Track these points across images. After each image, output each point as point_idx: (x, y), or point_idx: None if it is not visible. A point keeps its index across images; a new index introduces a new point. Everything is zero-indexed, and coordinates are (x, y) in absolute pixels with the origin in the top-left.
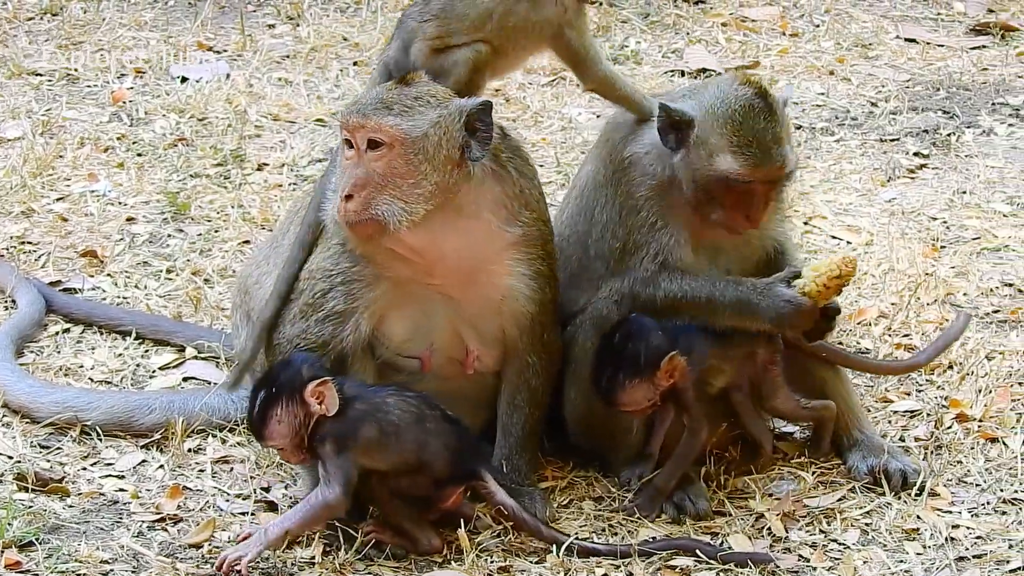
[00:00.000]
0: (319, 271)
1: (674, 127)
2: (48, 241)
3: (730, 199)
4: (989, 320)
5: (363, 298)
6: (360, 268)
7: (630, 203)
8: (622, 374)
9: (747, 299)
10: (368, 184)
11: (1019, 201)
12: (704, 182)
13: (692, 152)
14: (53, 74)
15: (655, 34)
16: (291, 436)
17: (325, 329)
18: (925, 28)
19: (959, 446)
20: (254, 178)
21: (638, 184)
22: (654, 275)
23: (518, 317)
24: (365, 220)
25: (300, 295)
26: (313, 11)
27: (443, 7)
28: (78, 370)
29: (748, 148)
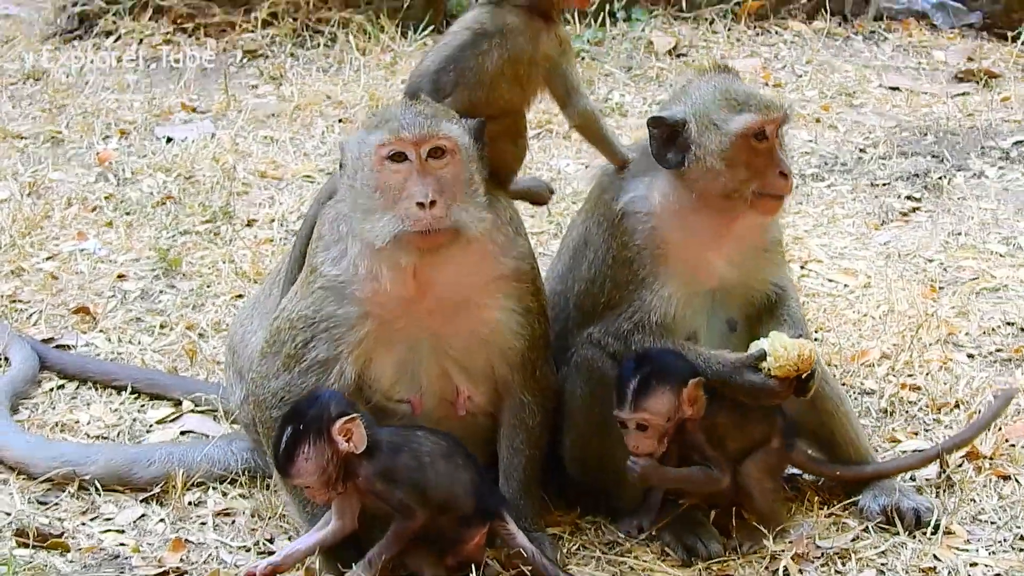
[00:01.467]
0: (299, 319)
1: (670, 139)
2: (39, 299)
3: (758, 162)
4: (993, 359)
5: (347, 342)
6: (345, 310)
7: (624, 254)
8: (654, 378)
9: (718, 374)
10: (444, 191)
11: (1015, 241)
12: (729, 160)
13: (700, 145)
14: (38, 136)
15: (639, 87)
16: (319, 474)
17: (308, 380)
18: (907, 77)
19: (971, 484)
20: (244, 233)
21: (632, 233)
22: (629, 332)
23: (507, 353)
24: (447, 227)
25: (281, 347)
26: (295, 71)
27: (455, 81)
28: (74, 426)
29: (749, 101)
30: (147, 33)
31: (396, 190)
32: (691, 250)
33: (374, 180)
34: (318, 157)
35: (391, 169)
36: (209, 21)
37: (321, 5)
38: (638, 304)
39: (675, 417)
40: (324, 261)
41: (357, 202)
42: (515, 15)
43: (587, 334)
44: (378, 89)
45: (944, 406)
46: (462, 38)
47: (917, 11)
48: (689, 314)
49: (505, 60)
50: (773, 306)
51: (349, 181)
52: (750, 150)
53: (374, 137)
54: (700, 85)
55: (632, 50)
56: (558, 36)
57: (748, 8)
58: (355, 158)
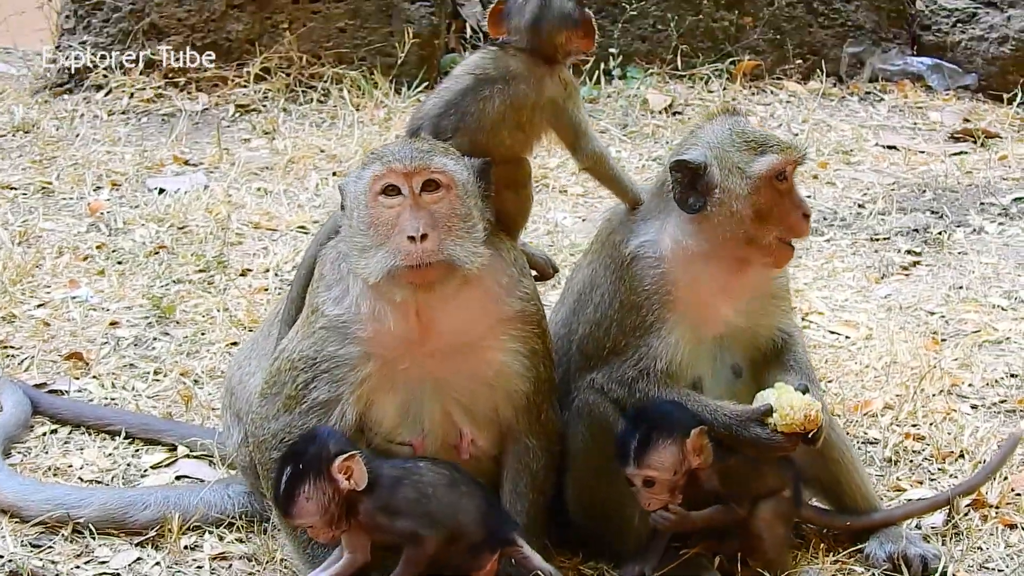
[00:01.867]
0: (300, 360)
1: (692, 184)
2: (31, 345)
3: (781, 205)
4: (997, 410)
5: (348, 383)
6: (347, 351)
7: (632, 299)
8: (655, 433)
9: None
10: (437, 225)
11: (1016, 295)
12: (753, 201)
13: (722, 189)
14: (28, 187)
15: (634, 143)
16: (321, 513)
17: (309, 422)
18: (904, 136)
19: (978, 532)
20: (238, 283)
21: (642, 277)
22: (633, 380)
23: (512, 396)
24: (438, 262)
25: (282, 387)
26: (288, 125)
27: (456, 125)
28: (67, 470)
29: (769, 143)
30: (138, 87)
31: (389, 225)
32: (701, 296)
33: (368, 216)
34: (312, 209)
35: (384, 204)
36: (201, 76)
37: (314, 61)
38: (644, 351)
39: (682, 469)
40: (325, 301)
41: (354, 240)
42: (518, 60)
43: (590, 379)
44: (372, 143)
45: (949, 455)
46: (464, 83)
47: (912, 73)
48: (695, 361)
49: (507, 106)
50: (779, 352)
51: (347, 220)
52: (773, 192)
53: (368, 171)
54: (715, 128)
55: (628, 107)
56: (562, 80)
57: (743, 68)
58: (352, 196)
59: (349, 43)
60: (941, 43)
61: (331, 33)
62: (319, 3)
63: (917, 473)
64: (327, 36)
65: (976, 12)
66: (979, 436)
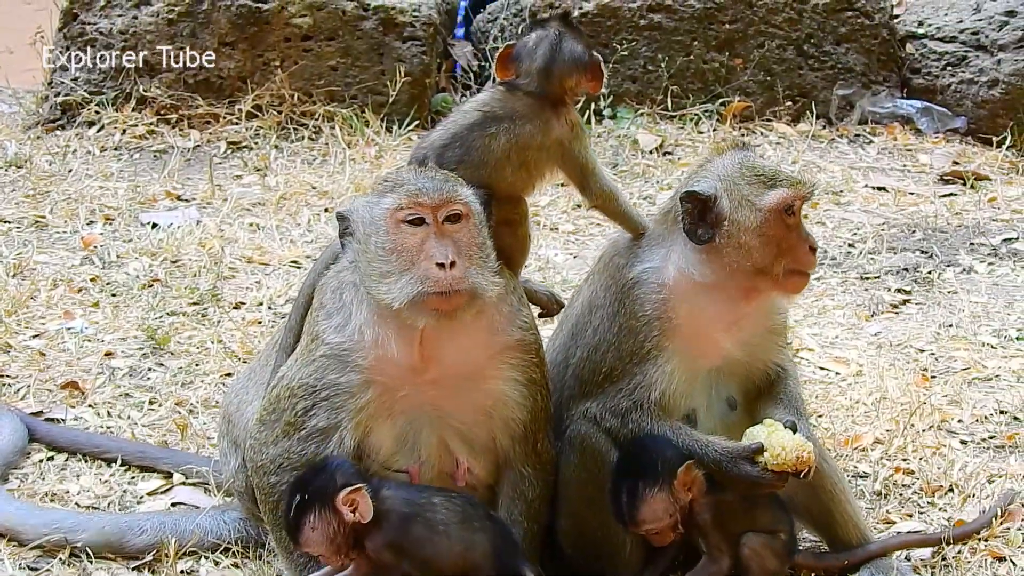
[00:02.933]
0: (300, 387)
1: (701, 215)
2: (27, 374)
3: (789, 238)
4: (986, 445)
5: (347, 410)
6: (347, 378)
7: (631, 323)
8: (641, 485)
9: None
10: (462, 254)
11: (1006, 334)
12: (761, 234)
13: (731, 221)
14: (21, 221)
15: (625, 182)
16: (326, 543)
17: (308, 448)
18: (893, 178)
19: (967, 565)
20: (232, 315)
21: (643, 302)
22: (627, 411)
23: (509, 425)
24: (464, 289)
25: (281, 414)
26: (280, 162)
27: (460, 158)
28: (64, 496)
29: (778, 177)
30: (130, 123)
31: (413, 252)
32: (701, 327)
33: (390, 243)
34: (304, 244)
35: (408, 232)
36: (193, 112)
37: (306, 99)
38: (639, 379)
39: (676, 508)
40: (326, 329)
41: (371, 266)
42: (524, 103)
43: (584, 409)
44: (364, 181)
45: (938, 490)
46: (471, 118)
47: (902, 115)
48: (690, 392)
49: (512, 145)
50: (772, 384)
51: (360, 246)
52: (782, 225)
53: (389, 200)
54: (725, 162)
55: (618, 147)
56: (569, 121)
57: (733, 109)
58: (367, 222)
59: (340, 81)
60: (931, 86)
61: (323, 71)
62: (311, 41)
63: (907, 507)
64: (319, 74)
65: (966, 55)
66: (968, 471)
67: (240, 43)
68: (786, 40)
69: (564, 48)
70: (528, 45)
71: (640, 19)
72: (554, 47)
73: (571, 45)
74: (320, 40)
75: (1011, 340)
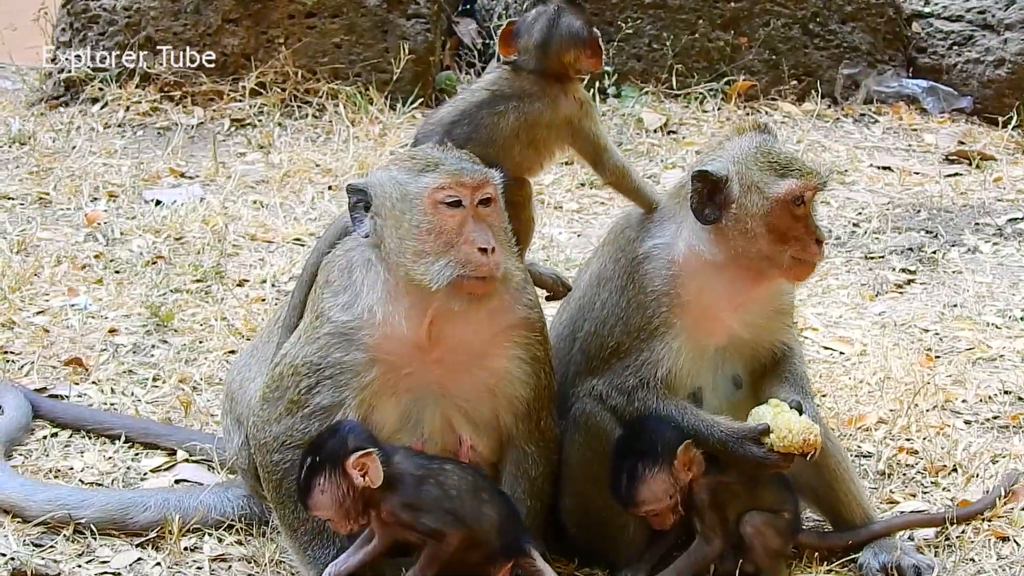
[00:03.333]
0: (304, 365)
1: (710, 195)
2: (31, 351)
3: (795, 228)
4: (990, 425)
5: (352, 388)
6: (352, 356)
7: (640, 298)
8: (640, 465)
9: (719, 441)
10: (496, 239)
11: (1011, 314)
12: (767, 222)
13: (739, 205)
14: (25, 198)
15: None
16: (336, 507)
17: (311, 425)
18: (898, 157)
19: (970, 544)
20: (236, 292)
21: (652, 277)
22: (633, 389)
23: (513, 403)
24: (499, 275)
25: (284, 392)
26: (284, 140)
27: (468, 136)
28: (68, 472)
29: (791, 167)
30: (134, 100)
31: (452, 234)
32: (708, 305)
33: (427, 223)
34: (308, 222)
35: (447, 214)
36: (197, 90)
37: (310, 76)
38: (646, 356)
39: (676, 489)
40: (332, 307)
41: (404, 243)
42: (531, 81)
43: (590, 386)
44: (367, 158)
45: (942, 469)
46: (480, 96)
47: (907, 95)
48: (696, 370)
49: (522, 123)
50: (777, 363)
51: (389, 222)
52: (789, 215)
53: (428, 179)
54: (742, 144)
55: (623, 125)
56: (577, 98)
57: (738, 88)
58: (398, 199)
59: (344, 59)
60: (937, 65)
61: (327, 49)
62: (315, 19)
63: (910, 486)
64: (323, 51)
65: (972, 35)
66: (972, 451)
67: (244, 20)
68: (791, 19)
69: (562, 23)
70: (527, 21)
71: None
72: (552, 22)
73: (569, 20)
74: (324, 17)
75: (1016, 320)
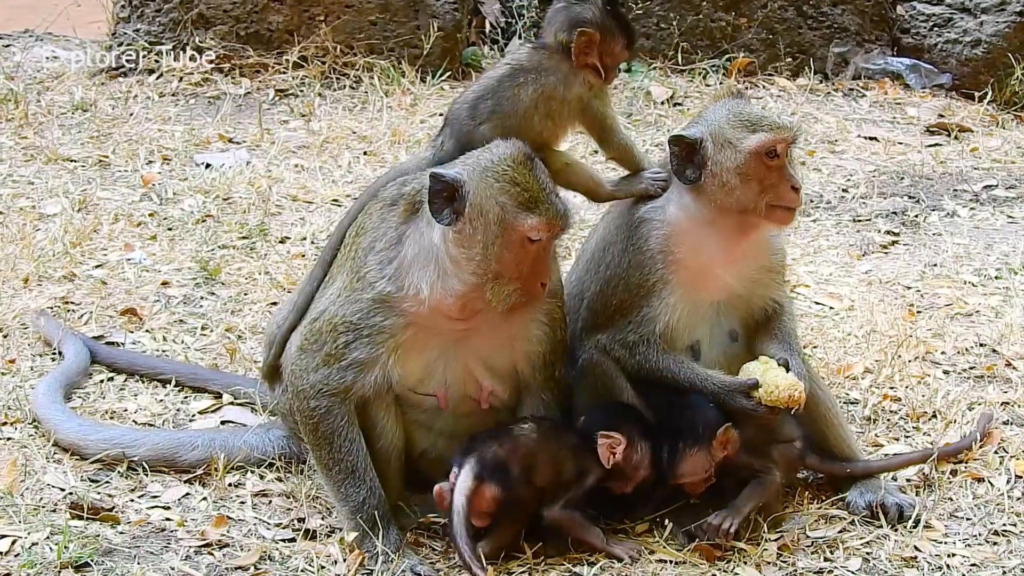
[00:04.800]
0: (343, 324)
1: (689, 156)
2: (90, 301)
3: (770, 177)
4: (967, 375)
5: (386, 346)
6: (391, 322)
7: (638, 258)
8: (681, 443)
9: (712, 393)
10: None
11: (986, 273)
12: (743, 176)
13: (716, 163)
14: (86, 160)
15: (638, 131)
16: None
17: (347, 376)
18: (884, 129)
19: (948, 485)
20: (278, 248)
21: (648, 238)
22: (634, 344)
23: (530, 356)
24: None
25: (322, 345)
26: (323, 109)
27: (492, 109)
28: (123, 414)
29: (762, 122)
30: (187, 72)
31: (525, 267)
32: (700, 261)
33: (511, 254)
34: (345, 184)
35: (531, 247)
36: (244, 62)
37: (347, 51)
38: (646, 311)
39: (712, 464)
40: (378, 276)
41: (488, 263)
42: (547, 57)
43: (596, 340)
44: (400, 126)
45: (922, 416)
46: (501, 71)
47: (892, 72)
48: (693, 324)
49: (539, 95)
50: (768, 320)
51: (481, 237)
52: (763, 167)
53: (531, 220)
54: (716, 108)
55: (632, 99)
56: (589, 80)
57: (738, 64)
58: (495, 222)
59: (379, 35)
60: (919, 45)
61: (363, 25)
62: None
63: (893, 431)
64: (359, 28)
65: (952, 17)
66: (950, 399)
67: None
68: (787, 1)
69: (573, 10)
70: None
71: None
72: (567, 5)
73: (579, 9)
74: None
75: (990, 279)
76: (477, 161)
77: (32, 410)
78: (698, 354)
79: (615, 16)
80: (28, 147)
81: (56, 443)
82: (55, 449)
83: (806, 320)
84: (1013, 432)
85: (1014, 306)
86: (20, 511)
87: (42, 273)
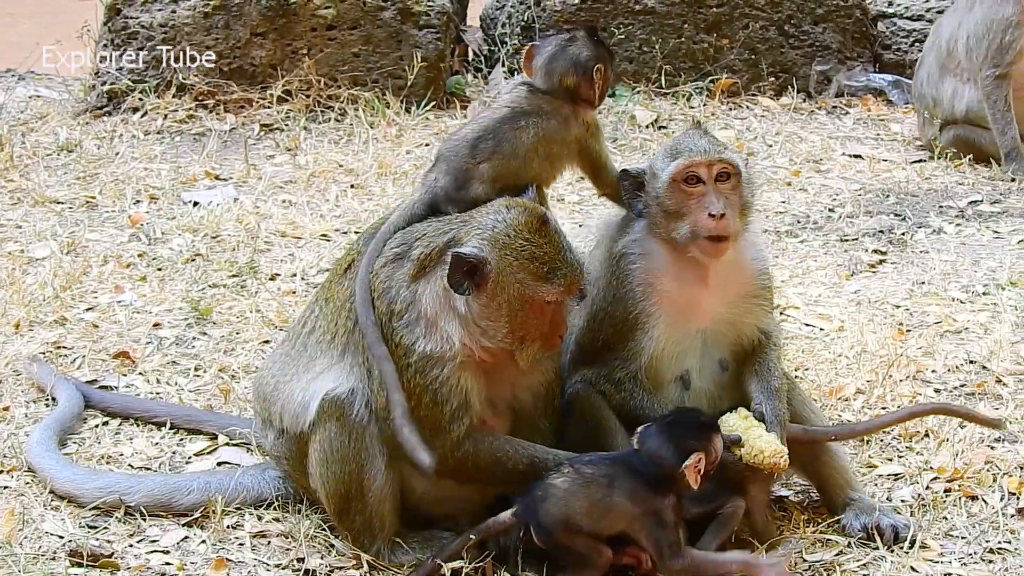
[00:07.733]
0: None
1: (637, 189)
2: (82, 345)
3: (690, 204)
4: (958, 393)
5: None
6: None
7: (621, 291)
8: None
9: None
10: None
11: (973, 289)
12: (663, 204)
13: (648, 193)
14: (73, 201)
15: (624, 155)
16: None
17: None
18: (868, 146)
19: (942, 504)
20: (268, 286)
21: (628, 271)
22: (620, 381)
23: (534, 388)
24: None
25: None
26: (309, 142)
27: (493, 149)
28: (119, 458)
29: (682, 149)
30: (171, 109)
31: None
32: (677, 291)
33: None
34: (333, 218)
35: (550, 309)
36: (228, 98)
37: (331, 83)
38: (632, 347)
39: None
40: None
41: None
42: (546, 101)
43: (583, 374)
44: (386, 158)
45: (915, 435)
46: (501, 113)
47: (875, 88)
48: (680, 353)
49: (540, 138)
50: (753, 352)
51: (495, 304)
52: (682, 194)
53: (550, 288)
54: (667, 141)
55: (617, 123)
56: (586, 121)
57: (721, 86)
58: (515, 297)
59: (363, 67)
60: (900, 61)
61: (346, 58)
62: (335, 31)
63: (886, 451)
64: (343, 60)
65: None
66: (942, 418)
67: (270, 33)
68: (768, 21)
69: (569, 51)
70: (544, 45)
71: (635, 4)
72: (561, 49)
73: (577, 49)
74: (343, 29)
75: (978, 295)
76: (494, 235)
77: (27, 459)
78: (688, 383)
79: (602, 44)
80: (15, 190)
81: (52, 491)
82: (52, 497)
83: (796, 342)
84: (1005, 449)
85: (1003, 322)
86: (19, 560)
87: (33, 318)
